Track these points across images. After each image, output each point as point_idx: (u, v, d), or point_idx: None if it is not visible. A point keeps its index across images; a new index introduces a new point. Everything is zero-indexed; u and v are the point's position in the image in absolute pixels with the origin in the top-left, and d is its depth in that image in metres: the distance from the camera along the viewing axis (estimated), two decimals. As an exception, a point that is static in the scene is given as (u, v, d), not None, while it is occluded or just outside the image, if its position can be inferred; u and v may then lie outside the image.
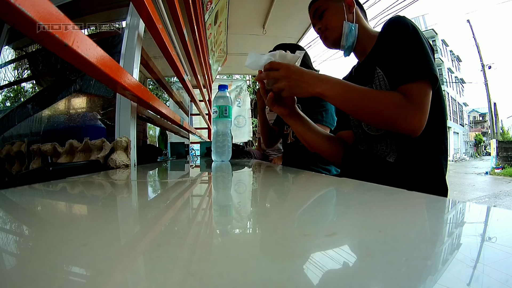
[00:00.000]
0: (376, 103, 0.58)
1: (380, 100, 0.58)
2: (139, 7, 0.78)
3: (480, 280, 0.12)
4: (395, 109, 0.57)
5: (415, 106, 0.56)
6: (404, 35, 0.61)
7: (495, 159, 10.67)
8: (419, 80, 0.57)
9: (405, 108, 0.56)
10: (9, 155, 1.05)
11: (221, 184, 0.51)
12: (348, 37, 0.75)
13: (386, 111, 0.58)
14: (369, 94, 0.60)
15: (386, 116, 0.58)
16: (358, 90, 0.61)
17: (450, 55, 23.87)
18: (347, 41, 0.76)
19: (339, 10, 0.77)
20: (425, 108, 0.57)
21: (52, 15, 0.37)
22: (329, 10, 0.79)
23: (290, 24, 2.82)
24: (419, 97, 0.57)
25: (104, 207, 0.30)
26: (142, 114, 1.14)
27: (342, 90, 0.61)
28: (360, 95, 0.60)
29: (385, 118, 0.58)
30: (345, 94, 0.61)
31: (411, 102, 0.56)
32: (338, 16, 0.77)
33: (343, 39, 0.76)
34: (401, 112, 0.56)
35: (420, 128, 0.57)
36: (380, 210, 0.25)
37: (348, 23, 0.75)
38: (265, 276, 0.12)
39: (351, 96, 0.60)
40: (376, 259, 0.13)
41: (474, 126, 32.62)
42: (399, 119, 0.57)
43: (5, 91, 1.39)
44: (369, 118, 0.61)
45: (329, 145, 0.78)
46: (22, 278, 0.12)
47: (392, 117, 0.57)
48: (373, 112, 0.59)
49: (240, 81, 5.59)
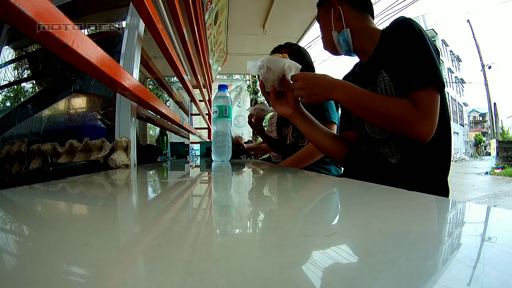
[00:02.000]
0: (385, 109, 0.60)
1: (388, 106, 0.59)
2: (139, 7, 0.78)
3: (480, 280, 0.12)
4: (403, 116, 0.57)
5: (423, 113, 0.56)
6: (410, 38, 0.60)
7: (495, 159, 10.67)
8: (427, 87, 0.57)
9: (413, 115, 0.57)
10: (9, 155, 1.05)
11: (221, 184, 0.51)
12: (341, 46, 0.75)
13: (394, 118, 0.59)
14: (379, 100, 0.61)
15: (394, 122, 0.59)
16: (368, 95, 0.63)
17: (450, 55, 23.86)
18: (342, 49, 0.76)
19: (327, 19, 0.76)
20: (434, 115, 0.57)
21: (52, 15, 0.37)
22: (321, 21, 0.79)
23: (290, 24, 2.82)
24: (427, 104, 0.57)
25: (104, 207, 0.30)
26: (142, 114, 1.14)
27: (353, 96, 0.64)
28: (370, 100, 0.62)
29: (393, 124, 0.60)
30: (356, 100, 0.63)
31: (420, 109, 0.57)
32: (327, 26, 0.76)
33: (338, 48, 0.76)
34: (409, 119, 0.57)
35: (428, 135, 0.57)
36: (380, 210, 0.25)
37: (335, 33, 0.74)
38: (265, 276, 0.12)
39: (362, 101, 0.63)
40: (376, 259, 0.13)
41: (474, 126, 32.59)
42: (407, 126, 0.58)
43: (5, 91, 1.39)
44: (378, 123, 0.64)
45: (334, 144, 0.79)
46: (22, 278, 0.12)
47: (400, 123, 0.58)
48: (382, 117, 0.61)
49: (240, 81, 5.59)
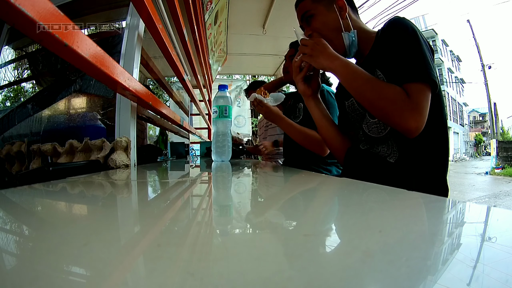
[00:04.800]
0: (378, 91, 0.60)
1: (381, 89, 0.60)
2: (139, 7, 0.78)
3: (480, 280, 0.12)
4: (394, 102, 0.57)
5: (413, 105, 0.56)
6: (404, 37, 0.60)
7: (495, 159, 10.66)
8: (419, 82, 0.57)
9: (403, 104, 0.57)
10: (9, 155, 1.05)
11: (221, 184, 0.51)
12: (351, 48, 0.72)
13: (384, 101, 0.59)
14: (373, 81, 0.62)
15: (384, 106, 0.59)
16: (365, 75, 0.63)
17: (450, 55, 23.85)
18: (351, 52, 0.72)
19: (329, 18, 0.71)
20: (424, 110, 0.57)
21: (52, 15, 0.37)
22: (318, 17, 0.73)
23: (290, 24, 2.79)
24: (418, 97, 0.57)
25: (104, 207, 0.30)
26: (142, 114, 1.14)
27: (351, 71, 0.65)
28: (365, 79, 0.62)
29: (382, 107, 0.59)
30: (352, 75, 0.64)
31: (410, 101, 0.57)
32: (329, 25, 0.72)
33: (347, 50, 0.72)
34: (398, 106, 0.57)
35: (416, 129, 0.57)
36: (380, 210, 0.25)
37: (346, 34, 0.70)
38: (265, 276, 0.12)
39: (357, 78, 0.63)
40: (376, 259, 0.13)
41: (474, 126, 32.58)
42: (395, 113, 0.58)
43: (5, 91, 1.39)
44: (368, 104, 0.63)
45: (339, 138, 0.81)
46: (22, 278, 0.12)
47: (389, 109, 0.58)
48: (373, 98, 0.61)
49: (240, 81, 5.60)
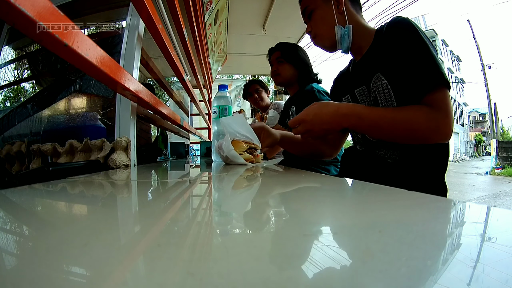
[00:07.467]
0: (409, 125, 0.57)
1: (410, 120, 0.57)
2: (139, 7, 0.78)
3: (480, 280, 0.12)
4: (428, 124, 0.56)
5: (444, 114, 0.56)
6: (411, 40, 0.59)
7: (495, 159, 10.66)
8: (439, 88, 0.56)
9: (436, 120, 0.56)
10: (9, 155, 1.05)
11: (221, 184, 0.51)
12: (342, 42, 0.71)
13: (420, 130, 0.57)
14: (399, 117, 0.58)
15: (420, 133, 0.58)
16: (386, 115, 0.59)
17: (450, 55, 23.86)
18: (342, 46, 0.72)
19: (327, 12, 0.72)
20: (451, 112, 0.57)
21: (52, 15, 0.37)
22: (317, 12, 0.74)
23: (290, 24, 2.81)
24: (445, 104, 0.56)
25: (104, 207, 0.30)
26: (142, 114, 1.14)
27: (370, 122, 0.60)
28: (390, 121, 0.59)
29: (419, 135, 0.58)
30: (375, 125, 0.61)
31: (440, 111, 0.56)
32: (327, 19, 0.72)
33: (338, 44, 0.72)
34: (433, 125, 0.56)
35: (451, 133, 0.57)
36: (380, 210, 0.25)
37: (339, 28, 0.70)
38: (265, 276, 0.12)
39: (382, 125, 0.60)
40: (376, 259, 0.13)
41: (474, 126, 32.57)
42: (433, 133, 0.57)
43: (5, 91, 1.39)
44: (403, 140, 0.61)
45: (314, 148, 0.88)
46: (22, 278, 0.12)
47: (426, 132, 0.57)
48: (407, 134, 0.59)
49: (240, 81, 5.59)
